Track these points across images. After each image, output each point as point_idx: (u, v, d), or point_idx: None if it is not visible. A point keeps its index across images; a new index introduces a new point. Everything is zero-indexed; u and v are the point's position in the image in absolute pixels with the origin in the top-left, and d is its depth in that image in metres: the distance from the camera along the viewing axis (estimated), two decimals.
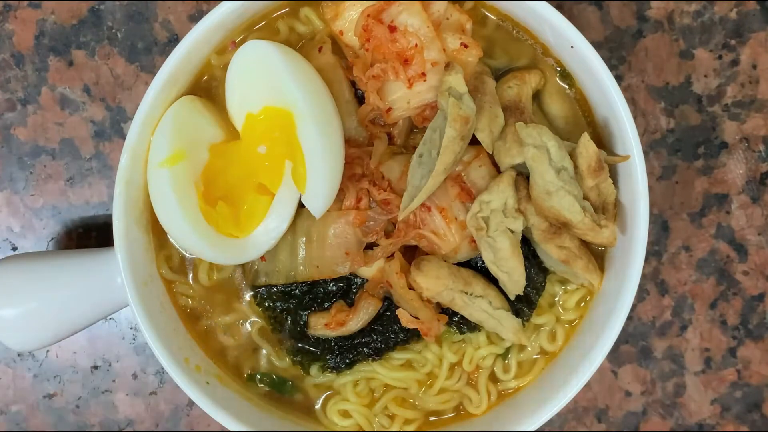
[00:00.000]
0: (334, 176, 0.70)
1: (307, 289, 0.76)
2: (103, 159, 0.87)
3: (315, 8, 0.75)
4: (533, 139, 0.69)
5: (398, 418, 0.78)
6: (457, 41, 0.71)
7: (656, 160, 0.87)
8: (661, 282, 0.88)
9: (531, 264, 0.75)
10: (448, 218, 0.72)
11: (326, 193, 0.70)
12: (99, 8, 0.86)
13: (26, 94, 0.87)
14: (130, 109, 0.87)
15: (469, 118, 0.68)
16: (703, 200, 0.87)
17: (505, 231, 0.70)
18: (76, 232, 0.88)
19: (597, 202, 0.72)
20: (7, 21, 0.87)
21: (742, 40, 0.86)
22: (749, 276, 0.88)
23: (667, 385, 0.88)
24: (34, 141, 0.87)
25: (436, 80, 0.71)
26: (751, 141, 0.87)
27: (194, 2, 0.86)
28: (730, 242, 0.88)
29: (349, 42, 0.73)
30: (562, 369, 0.76)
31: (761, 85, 0.86)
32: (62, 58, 0.87)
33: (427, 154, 0.70)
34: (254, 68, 0.71)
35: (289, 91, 0.69)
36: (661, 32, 0.86)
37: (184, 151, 0.70)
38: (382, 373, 0.77)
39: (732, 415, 0.89)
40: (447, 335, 0.77)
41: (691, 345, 0.88)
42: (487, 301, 0.73)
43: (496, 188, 0.70)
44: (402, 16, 0.71)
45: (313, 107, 0.69)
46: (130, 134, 0.71)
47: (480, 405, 0.78)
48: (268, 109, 0.71)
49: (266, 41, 0.71)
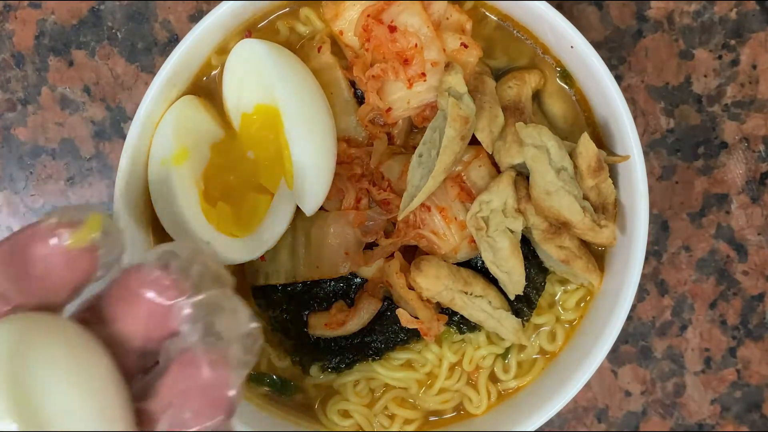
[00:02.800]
0: (322, 174, 0.70)
1: (307, 289, 0.76)
2: (103, 159, 0.87)
3: (315, 8, 0.75)
4: (533, 139, 0.69)
5: (398, 418, 0.78)
6: (457, 41, 0.71)
7: (656, 160, 0.87)
8: (660, 282, 0.88)
9: (531, 264, 0.75)
10: (448, 218, 0.72)
11: (315, 190, 0.70)
12: (99, 8, 0.86)
13: (26, 94, 0.87)
14: (130, 109, 0.87)
15: (469, 118, 0.68)
16: (703, 200, 0.87)
17: (505, 231, 0.70)
18: None
19: (597, 202, 0.72)
20: (7, 21, 0.87)
21: (742, 40, 0.86)
22: (749, 276, 0.88)
23: (667, 385, 0.88)
24: (34, 141, 0.87)
25: (436, 80, 0.71)
26: (751, 141, 0.87)
27: (194, 2, 0.86)
28: (730, 242, 0.88)
29: (349, 42, 0.73)
30: (562, 369, 0.76)
31: (761, 85, 0.86)
32: (62, 58, 0.87)
33: (426, 154, 0.70)
34: (247, 68, 0.71)
35: (275, 88, 0.69)
36: (661, 32, 0.86)
37: (187, 150, 0.70)
38: (382, 373, 0.77)
39: (732, 415, 0.89)
40: (447, 335, 0.77)
41: (691, 345, 0.88)
42: (486, 301, 0.73)
43: (496, 188, 0.70)
44: (402, 16, 0.71)
45: (299, 104, 0.69)
46: (130, 134, 0.71)
47: (480, 405, 0.78)
48: (259, 107, 0.71)
49: (258, 40, 0.71)
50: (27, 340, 0.42)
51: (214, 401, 0.43)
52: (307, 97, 0.70)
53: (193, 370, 0.43)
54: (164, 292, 0.44)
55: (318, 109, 0.71)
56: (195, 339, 0.43)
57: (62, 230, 0.43)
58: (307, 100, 0.70)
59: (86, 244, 0.44)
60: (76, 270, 0.44)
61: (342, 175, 0.72)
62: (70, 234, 0.43)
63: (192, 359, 0.43)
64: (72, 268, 0.44)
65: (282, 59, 0.70)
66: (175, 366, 0.44)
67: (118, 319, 0.45)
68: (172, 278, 0.44)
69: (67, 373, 0.42)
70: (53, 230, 0.43)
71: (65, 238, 0.43)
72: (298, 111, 0.69)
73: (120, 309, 0.45)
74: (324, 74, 0.73)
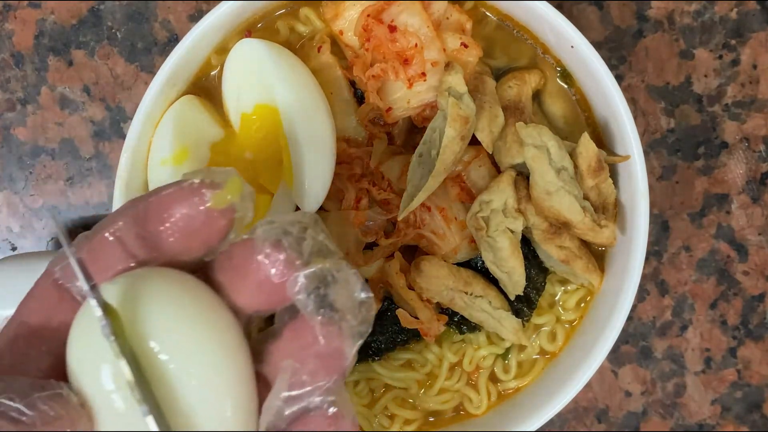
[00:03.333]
0: (322, 174, 0.70)
1: None
2: (102, 159, 0.87)
3: (315, 8, 0.75)
4: (533, 139, 0.68)
5: (398, 418, 0.78)
6: (457, 41, 0.71)
7: (656, 159, 0.87)
8: (661, 282, 0.88)
9: (531, 264, 0.75)
10: (448, 218, 0.72)
11: (314, 190, 0.70)
12: (99, 8, 0.86)
13: (26, 94, 0.87)
14: (129, 109, 0.87)
15: (469, 117, 0.67)
16: (703, 200, 0.87)
17: (505, 231, 0.70)
18: (76, 233, 0.88)
19: (597, 202, 0.72)
20: (7, 21, 0.86)
21: (743, 40, 0.86)
22: (749, 276, 0.88)
23: (668, 386, 0.88)
24: (33, 141, 0.87)
25: (436, 80, 0.70)
26: (752, 141, 0.87)
27: (194, 2, 0.86)
28: (730, 242, 0.87)
29: (349, 42, 0.73)
30: (562, 369, 0.76)
31: (761, 85, 0.86)
32: (62, 58, 0.87)
33: (426, 153, 0.70)
34: (246, 68, 0.71)
35: (275, 88, 0.69)
36: (661, 32, 0.86)
37: (188, 150, 0.70)
38: (382, 373, 0.77)
39: (732, 415, 0.89)
40: (447, 335, 0.77)
41: (691, 345, 0.88)
42: (487, 301, 0.73)
43: (496, 188, 0.70)
44: (402, 15, 0.70)
45: (299, 104, 0.69)
46: (129, 134, 0.71)
47: (480, 405, 0.78)
48: (258, 107, 0.71)
49: (257, 40, 0.71)
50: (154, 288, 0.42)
51: (329, 369, 0.44)
52: (306, 97, 0.70)
53: (307, 340, 0.43)
54: (277, 268, 0.44)
55: (318, 109, 0.70)
56: (309, 309, 0.44)
57: (205, 190, 0.44)
58: (306, 100, 0.70)
59: (225, 205, 0.44)
60: (213, 230, 0.44)
61: (342, 175, 0.72)
62: (212, 195, 0.44)
63: (307, 329, 0.44)
64: (209, 227, 0.44)
65: (282, 59, 0.70)
66: (289, 333, 0.44)
67: (230, 291, 0.46)
68: (285, 254, 0.44)
69: (193, 321, 0.42)
70: (196, 190, 0.44)
71: (207, 198, 0.44)
72: (297, 111, 0.69)
73: (231, 280, 0.46)
74: (324, 74, 0.73)
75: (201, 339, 0.42)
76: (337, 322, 0.44)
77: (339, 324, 0.44)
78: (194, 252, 0.45)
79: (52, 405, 0.40)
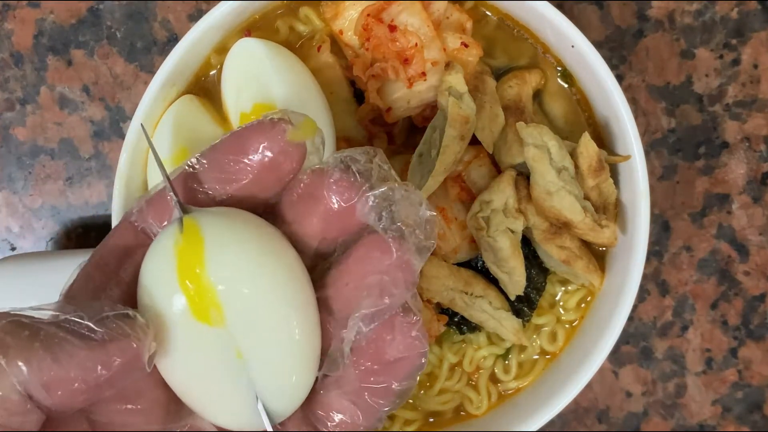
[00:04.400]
0: None
1: None
2: (102, 159, 0.87)
3: (314, 7, 0.75)
4: (534, 138, 0.68)
5: (398, 419, 0.78)
6: (457, 41, 0.71)
7: (657, 159, 0.87)
8: (662, 282, 0.88)
9: (531, 264, 0.74)
10: (448, 218, 0.72)
11: None
12: (98, 8, 0.86)
13: (25, 94, 0.87)
14: (129, 109, 0.87)
15: (469, 117, 0.67)
16: (704, 200, 0.87)
17: (506, 231, 0.70)
18: (75, 233, 0.88)
19: (598, 202, 0.71)
20: (6, 20, 0.86)
21: (743, 40, 0.86)
22: (750, 276, 0.88)
23: (668, 386, 0.88)
24: (33, 141, 0.87)
25: (436, 80, 0.70)
26: (752, 141, 0.87)
27: (194, 2, 0.86)
28: (731, 242, 0.87)
29: (349, 41, 0.73)
30: (562, 370, 0.75)
31: (762, 84, 0.86)
32: (61, 58, 0.86)
33: (426, 153, 0.70)
34: (246, 67, 0.71)
35: (274, 87, 0.69)
36: (661, 32, 0.86)
37: (187, 150, 0.70)
38: None
39: (733, 415, 0.88)
40: (447, 336, 0.76)
41: (692, 345, 0.88)
42: (487, 301, 0.73)
43: (497, 188, 0.70)
44: (402, 15, 0.70)
45: (298, 104, 0.69)
46: (129, 134, 0.71)
47: (480, 406, 0.78)
48: (257, 106, 0.71)
49: (257, 40, 0.71)
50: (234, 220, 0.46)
51: (407, 281, 0.46)
52: (306, 97, 0.70)
53: (380, 253, 0.46)
54: (346, 193, 0.47)
55: (317, 108, 0.70)
56: (383, 226, 0.46)
57: (284, 124, 0.47)
58: (306, 99, 0.70)
59: (301, 141, 0.47)
60: (288, 164, 0.47)
61: None
62: (290, 129, 0.47)
63: (384, 245, 0.46)
64: (286, 159, 0.47)
65: (281, 59, 0.70)
66: (362, 249, 0.47)
67: (297, 221, 0.48)
68: (353, 179, 0.47)
69: (266, 253, 0.45)
70: (276, 124, 0.47)
71: (286, 132, 0.47)
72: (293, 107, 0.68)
73: (300, 212, 0.48)
74: (324, 74, 0.73)
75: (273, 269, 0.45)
76: (408, 237, 0.46)
77: (408, 239, 0.46)
78: (267, 189, 0.48)
79: (119, 324, 0.42)
